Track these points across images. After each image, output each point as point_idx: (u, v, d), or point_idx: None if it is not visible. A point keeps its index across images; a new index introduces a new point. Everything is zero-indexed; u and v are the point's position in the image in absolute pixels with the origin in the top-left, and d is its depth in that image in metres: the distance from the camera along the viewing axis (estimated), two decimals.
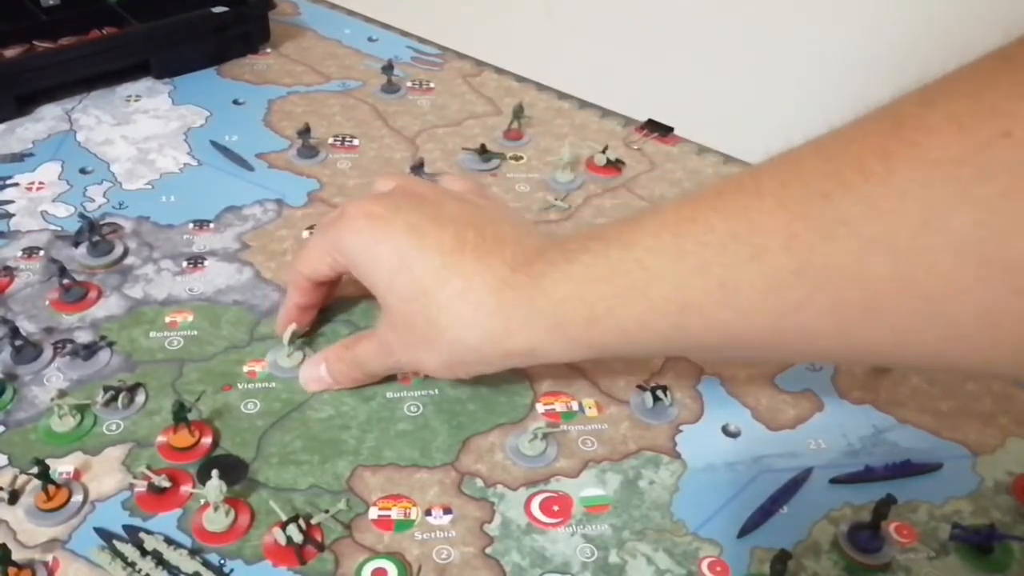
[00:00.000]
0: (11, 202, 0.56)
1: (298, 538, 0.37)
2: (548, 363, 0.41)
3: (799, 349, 0.36)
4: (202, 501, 0.38)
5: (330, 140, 0.64)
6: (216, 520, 0.38)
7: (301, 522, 0.37)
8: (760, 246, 0.31)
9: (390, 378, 0.46)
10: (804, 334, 0.32)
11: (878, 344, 0.31)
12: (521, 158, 0.64)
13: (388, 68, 0.69)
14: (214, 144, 0.63)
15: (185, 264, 0.52)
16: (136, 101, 0.67)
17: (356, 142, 0.64)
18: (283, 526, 0.37)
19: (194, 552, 0.37)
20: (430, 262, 0.40)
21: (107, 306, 0.49)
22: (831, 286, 0.30)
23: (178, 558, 0.37)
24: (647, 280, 0.35)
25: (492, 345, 0.39)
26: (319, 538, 0.38)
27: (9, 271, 0.51)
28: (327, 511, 0.39)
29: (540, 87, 0.72)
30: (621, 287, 0.36)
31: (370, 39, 0.78)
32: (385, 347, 0.43)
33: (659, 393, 0.45)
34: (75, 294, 0.49)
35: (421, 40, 0.78)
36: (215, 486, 0.38)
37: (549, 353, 0.39)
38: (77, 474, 0.40)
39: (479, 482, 0.42)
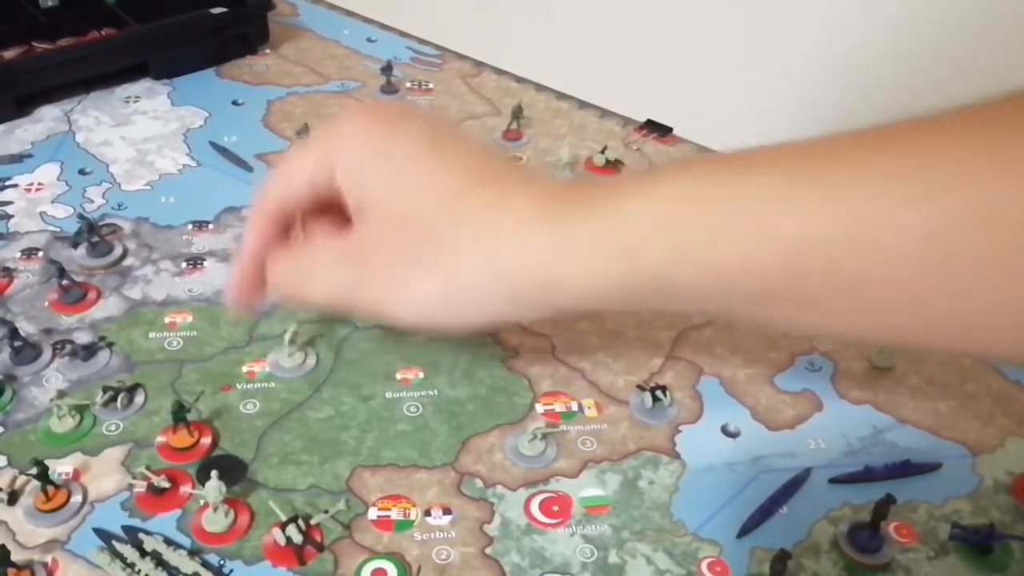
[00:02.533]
0: (10, 203, 0.56)
1: (297, 538, 0.37)
2: (569, 305, 0.34)
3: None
4: (201, 502, 0.38)
5: None
6: (215, 520, 0.38)
7: (300, 522, 0.37)
8: (934, 181, 0.26)
9: (390, 378, 0.46)
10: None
11: None
12: (520, 158, 0.64)
13: (387, 69, 0.69)
14: (213, 145, 0.63)
15: (184, 265, 0.52)
16: (135, 102, 0.67)
17: None
18: (282, 526, 0.37)
19: (193, 553, 0.37)
20: (456, 169, 0.34)
21: (106, 307, 0.49)
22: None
23: (177, 559, 0.37)
24: (778, 209, 0.28)
25: (527, 268, 0.33)
26: (319, 538, 0.38)
27: (8, 272, 0.51)
28: (327, 511, 0.39)
29: (539, 87, 0.72)
30: (741, 211, 0.29)
31: (369, 40, 0.78)
32: (355, 260, 0.36)
33: (658, 393, 0.45)
34: (74, 295, 0.49)
35: (420, 41, 0.78)
36: (214, 487, 0.38)
37: (593, 285, 0.32)
38: (76, 475, 0.40)
39: (479, 482, 0.42)
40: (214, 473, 0.38)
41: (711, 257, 0.30)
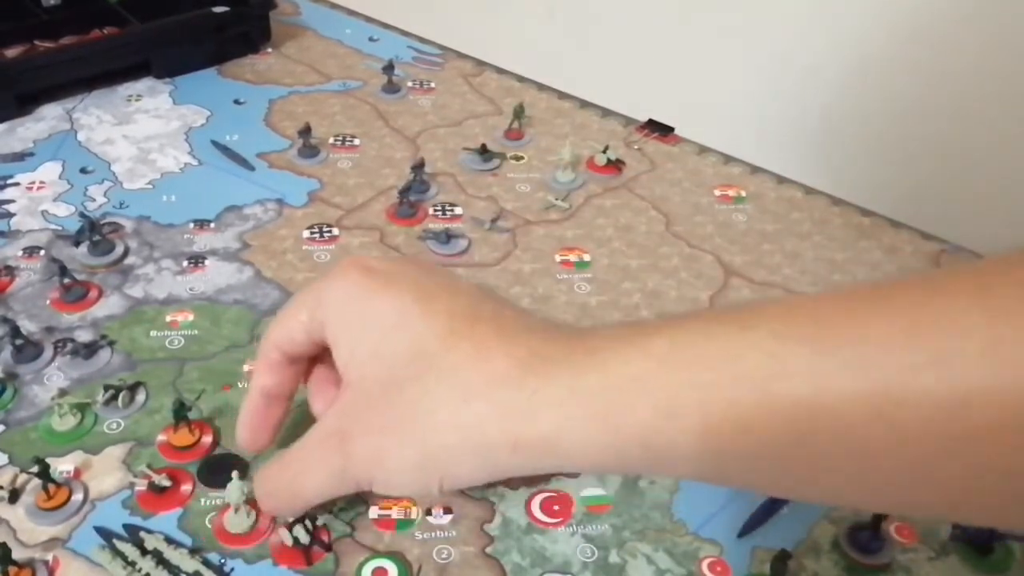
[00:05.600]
0: (12, 201, 0.56)
1: (305, 539, 0.37)
2: (556, 472, 0.33)
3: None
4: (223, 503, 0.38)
5: (331, 140, 0.64)
6: (238, 522, 0.38)
7: (307, 523, 0.37)
8: (948, 350, 0.24)
9: None
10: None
11: None
12: (522, 158, 0.64)
13: (389, 68, 0.70)
14: (215, 144, 0.63)
15: (186, 263, 0.52)
16: (137, 101, 0.67)
17: (357, 142, 0.64)
18: (289, 527, 0.37)
19: (194, 551, 0.37)
20: (438, 324, 0.33)
21: (108, 305, 0.49)
22: None
23: (178, 557, 0.37)
24: (778, 372, 0.26)
25: (499, 430, 0.31)
26: (326, 539, 0.38)
27: (10, 270, 0.51)
28: (332, 511, 0.39)
29: (541, 87, 0.72)
30: (737, 374, 0.27)
31: (371, 39, 0.78)
32: (336, 438, 0.34)
33: None
34: (76, 293, 0.49)
35: (422, 40, 0.78)
36: (236, 487, 0.37)
37: (573, 449, 0.31)
38: (77, 473, 0.40)
39: None
40: (235, 474, 0.38)
41: (704, 421, 0.28)
